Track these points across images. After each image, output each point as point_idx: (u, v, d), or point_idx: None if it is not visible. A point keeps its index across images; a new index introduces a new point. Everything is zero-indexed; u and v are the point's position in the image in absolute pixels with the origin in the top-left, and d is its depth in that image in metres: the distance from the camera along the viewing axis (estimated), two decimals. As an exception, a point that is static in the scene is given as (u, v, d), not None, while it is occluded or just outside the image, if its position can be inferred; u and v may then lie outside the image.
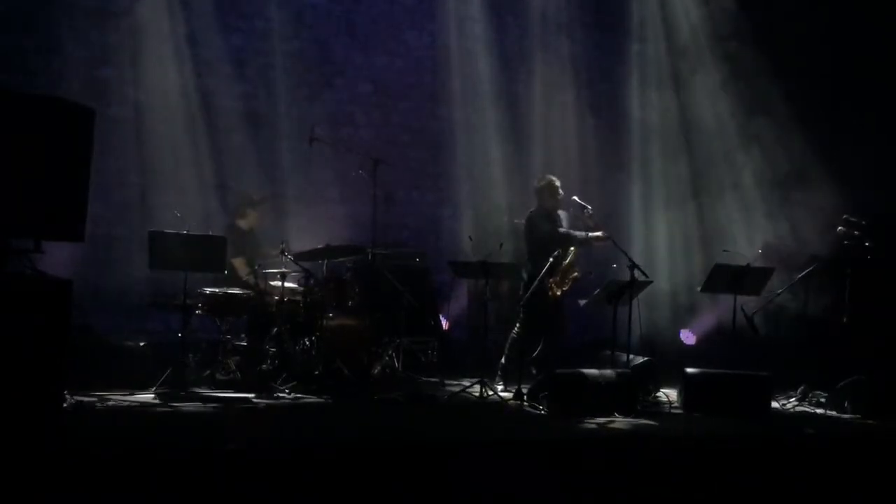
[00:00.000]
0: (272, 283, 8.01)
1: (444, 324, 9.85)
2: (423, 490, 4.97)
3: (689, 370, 7.55)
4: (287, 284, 7.92)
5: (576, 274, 8.18)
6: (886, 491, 5.60)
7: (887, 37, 9.67)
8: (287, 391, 7.32)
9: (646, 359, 8.12)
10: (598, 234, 8.18)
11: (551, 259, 7.83)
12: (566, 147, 10.93)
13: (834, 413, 7.64)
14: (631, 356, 7.87)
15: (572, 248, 8.17)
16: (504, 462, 5.44)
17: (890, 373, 7.65)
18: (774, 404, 7.70)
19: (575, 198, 8.27)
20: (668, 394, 7.77)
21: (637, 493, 5.26)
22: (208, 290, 7.54)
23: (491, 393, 7.58)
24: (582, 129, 11.13)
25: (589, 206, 8.19)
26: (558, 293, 8.10)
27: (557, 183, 8.38)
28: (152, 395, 6.87)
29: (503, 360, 8.29)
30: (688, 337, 10.40)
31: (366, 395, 7.36)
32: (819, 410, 7.77)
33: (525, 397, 7.38)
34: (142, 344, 7.64)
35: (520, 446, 5.84)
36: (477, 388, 7.58)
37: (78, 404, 6.19)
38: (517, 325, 8.26)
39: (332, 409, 6.96)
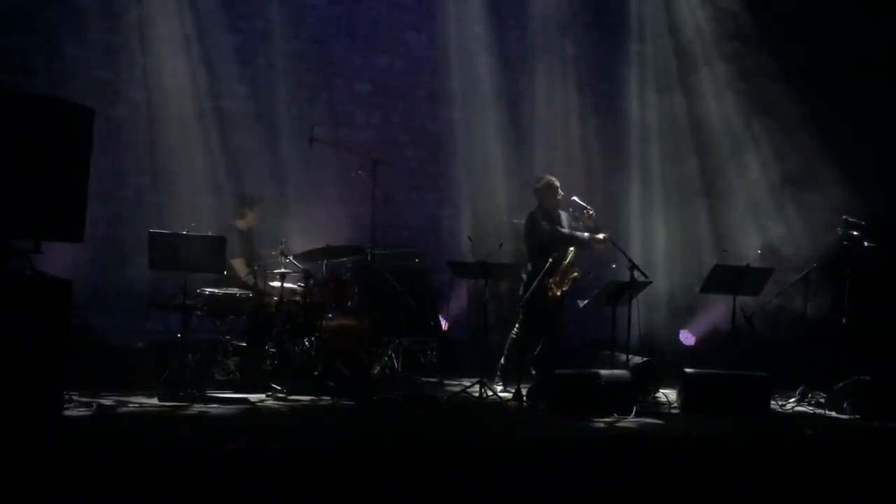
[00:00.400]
0: (272, 283, 8.01)
1: (444, 324, 9.85)
2: (423, 490, 4.97)
3: (689, 370, 7.55)
4: (287, 285, 7.91)
5: (575, 274, 8.16)
6: (886, 491, 5.60)
7: (888, 37, 9.66)
8: (285, 392, 7.32)
9: (645, 359, 8.12)
10: (600, 235, 8.15)
11: (550, 259, 7.83)
12: (566, 147, 10.94)
13: (833, 413, 7.63)
14: (630, 356, 7.86)
15: (572, 249, 8.15)
16: (504, 462, 5.44)
17: (890, 373, 7.64)
18: (774, 405, 7.69)
19: (575, 198, 8.25)
20: (668, 394, 7.77)
21: (637, 493, 5.26)
22: (208, 290, 7.53)
23: (490, 393, 7.58)
24: (582, 130, 11.14)
25: (589, 207, 8.18)
26: (558, 293, 8.08)
27: (557, 183, 8.36)
28: (152, 396, 6.86)
29: (503, 360, 8.28)
30: (687, 338, 10.41)
31: (366, 396, 7.35)
32: (819, 411, 7.75)
33: (525, 397, 7.38)
34: (142, 344, 7.63)
35: (520, 446, 5.84)
36: (476, 388, 7.57)
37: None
38: (517, 325, 8.25)
39: (332, 410, 6.95)
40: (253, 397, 7.11)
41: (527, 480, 5.22)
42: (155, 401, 6.75)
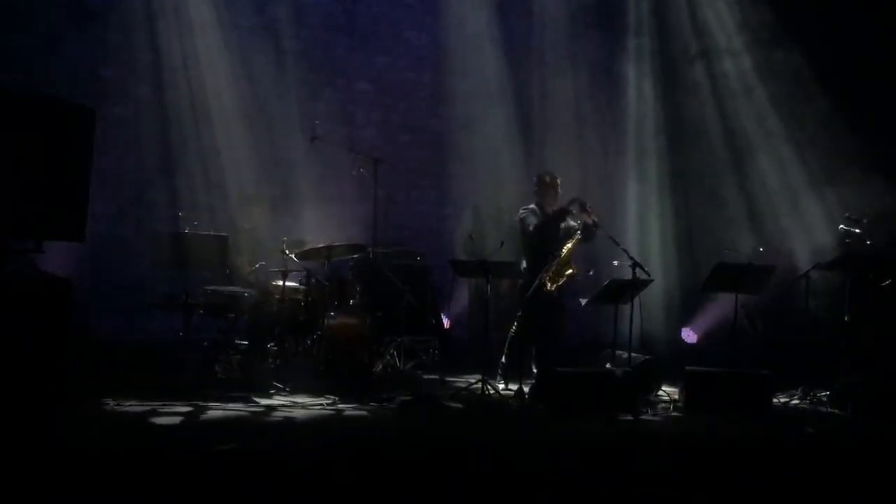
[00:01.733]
0: (273, 282, 8.01)
1: (445, 323, 9.85)
2: (423, 490, 4.97)
3: (690, 369, 7.55)
4: (288, 283, 7.91)
5: (570, 271, 8.08)
6: (886, 491, 5.59)
7: (887, 36, 9.65)
8: (287, 391, 7.32)
9: (646, 357, 8.12)
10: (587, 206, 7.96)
11: (551, 256, 7.81)
12: (566, 145, 10.93)
13: (834, 412, 7.63)
14: (632, 355, 7.85)
15: (568, 245, 8.09)
16: (504, 462, 5.44)
17: (890, 373, 7.64)
18: (775, 403, 7.68)
19: (573, 196, 8.21)
20: (669, 392, 7.76)
21: (637, 493, 5.26)
22: (209, 289, 7.54)
23: (491, 392, 7.57)
24: (582, 128, 11.13)
25: (582, 199, 8.06)
26: (552, 288, 7.99)
27: (557, 179, 8.34)
28: (154, 395, 6.85)
29: (503, 358, 8.27)
30: (689, 336, 10.40)
31: (366, 395, 7.35)
32: (820, 409, 7.75)
33: (525, 396, 7.38)
34: (143, 343, 7.63)
35: (520, 446, 5.84)
36: (477, 387, 7.57)
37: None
38: (516, 323, 8.24)
39: (333, 408, 6.95)
40: (255, 396, 7.11)
41: (527, 480, 5.22)
42: (155, 401, 6.74)
